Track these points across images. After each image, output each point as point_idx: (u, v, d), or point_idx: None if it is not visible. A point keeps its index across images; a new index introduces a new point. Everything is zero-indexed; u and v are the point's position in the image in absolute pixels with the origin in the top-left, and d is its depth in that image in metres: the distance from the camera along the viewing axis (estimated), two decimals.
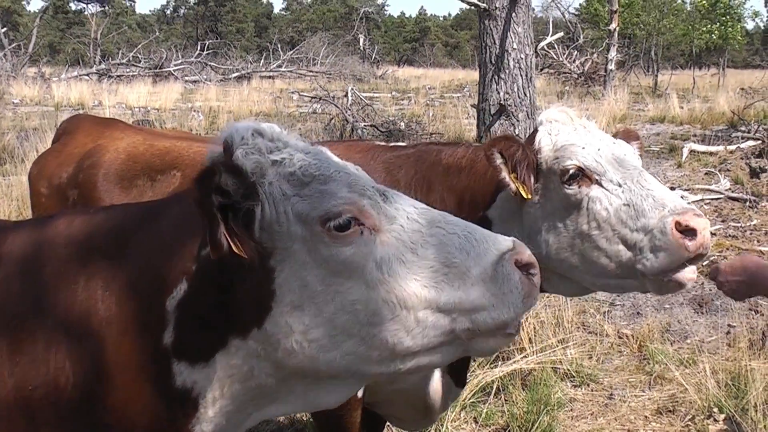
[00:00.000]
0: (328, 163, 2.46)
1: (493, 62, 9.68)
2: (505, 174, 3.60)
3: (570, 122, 3.77)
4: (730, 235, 10.55)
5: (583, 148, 3.63)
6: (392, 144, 4.38)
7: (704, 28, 42.40)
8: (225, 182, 2.23)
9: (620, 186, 3.56)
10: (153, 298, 2.35)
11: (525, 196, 3.63)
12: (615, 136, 3.92)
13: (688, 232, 3.36)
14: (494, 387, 6.24)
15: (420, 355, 2.42)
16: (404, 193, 3.96)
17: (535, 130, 3.82)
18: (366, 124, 19.04)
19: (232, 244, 2.20)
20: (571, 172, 3.58)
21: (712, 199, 11.80)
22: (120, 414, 2.40)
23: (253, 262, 2.25)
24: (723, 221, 11.06)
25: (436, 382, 4.09)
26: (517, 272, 2.40)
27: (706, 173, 13.49)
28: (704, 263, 7.84)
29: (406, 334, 2.35)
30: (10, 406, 2.36)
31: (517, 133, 10.37)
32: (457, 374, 4.18)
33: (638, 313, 8.45)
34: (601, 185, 3.57)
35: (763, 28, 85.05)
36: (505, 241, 2.46)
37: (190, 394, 2.40)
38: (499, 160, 3.61)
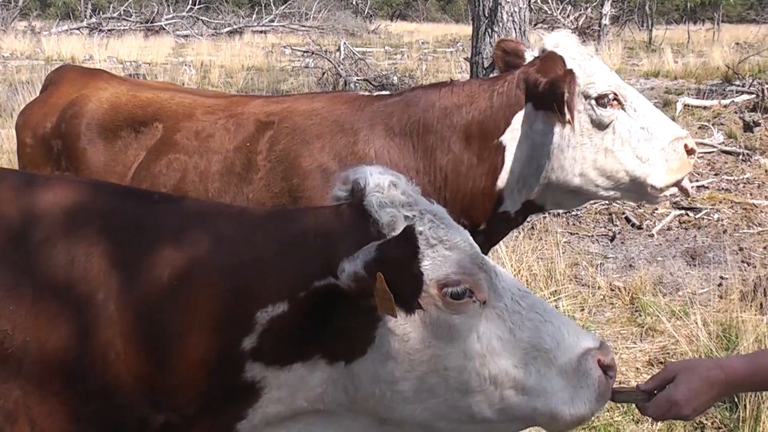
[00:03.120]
0: (454, 230, 2.49)
1: (487, 15, 9.54)
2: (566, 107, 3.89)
3: (579, 47, 4.19)
4: (723, 189, 10.53)
5: (612, 75, 4.11)
6: (376, 94, 4.38)
7: None
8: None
9: (636, 111, 4.06)
10: (241, 307, 2.36)
11: (572, 121, 3.93)
12: None
13: (692, 152, 4.08)
14: None
15: (492, 424, 2.50)
16: (400, 140, 4.04)
17: (553, 54, 4.14)
18: (359, 78, 18.90)
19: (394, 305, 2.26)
20: (609, 96, 4.00)
21: (705, 152, 11.74)
22: (175, 393, 2.41)
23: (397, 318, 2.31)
24: (716, 174, 11.02)
25: None
26: (598, 370, 2.50)
27: (699, 127, 13.41)
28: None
29: (489, 407, 2.43)
30: (53, 370, 2.34)
31: None
32: None
33: (630, 265, 8.46)
34: (623, 109, 4.04)
35: None
36: (594, 340, 2.56)
37: (255, 386, 2.42)
38: (567, 96, 3.88)
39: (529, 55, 4.39)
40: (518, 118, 4.07)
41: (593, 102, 4.00)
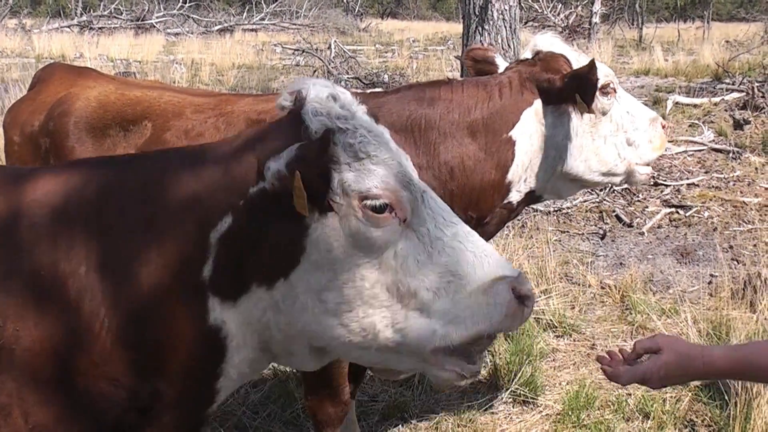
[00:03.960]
0: (386, 148, 2.56)
1: (477, 13, 9.53)
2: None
3: (567, 45, 4.53)
4: (713, 186, 10.53)
5: (604, 66, 4.38)
6: (369, 91, 4.44)
7: None
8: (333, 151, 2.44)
9: (620, 97, 4.44)
10: (199, 231, 2.45)
11: (588, 111, 4.27)
12: None
13: (664, 128, 4.60)
14: None
15: (390, 353, 2.59)
16: (400, 137, 4.12)
17: (553, 53, 4.44)
18: (349, 76, 18.90)
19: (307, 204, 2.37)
20: (609, 86, 4.34)
21: (695, 150, 11.75)
22: (156, 355, 2.47)
23: (311, 215, 2.41)
24: (706, 172, 11.03)
25: None
26: (509, 294, 2.54)
27: (690, 125, 13.41)
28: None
29: (391, 325, 2.50)
30: (44, 355, 2.37)
31: None
32: None
33: (621, 263, 8.46)
34: (616, 97, 4.41)
35: None
36: (512, 270, 2.61)
37: (219, 333, 2.50)
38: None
39: (500, 60, 4.70)
40: (528, 113, 4.27)
41: (598, 92, 4.27)
